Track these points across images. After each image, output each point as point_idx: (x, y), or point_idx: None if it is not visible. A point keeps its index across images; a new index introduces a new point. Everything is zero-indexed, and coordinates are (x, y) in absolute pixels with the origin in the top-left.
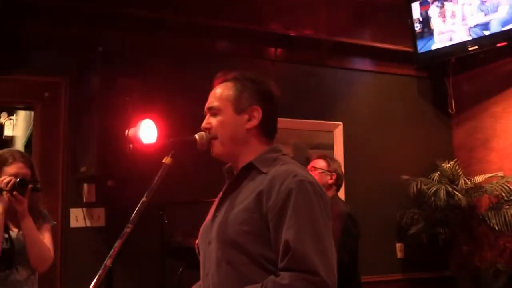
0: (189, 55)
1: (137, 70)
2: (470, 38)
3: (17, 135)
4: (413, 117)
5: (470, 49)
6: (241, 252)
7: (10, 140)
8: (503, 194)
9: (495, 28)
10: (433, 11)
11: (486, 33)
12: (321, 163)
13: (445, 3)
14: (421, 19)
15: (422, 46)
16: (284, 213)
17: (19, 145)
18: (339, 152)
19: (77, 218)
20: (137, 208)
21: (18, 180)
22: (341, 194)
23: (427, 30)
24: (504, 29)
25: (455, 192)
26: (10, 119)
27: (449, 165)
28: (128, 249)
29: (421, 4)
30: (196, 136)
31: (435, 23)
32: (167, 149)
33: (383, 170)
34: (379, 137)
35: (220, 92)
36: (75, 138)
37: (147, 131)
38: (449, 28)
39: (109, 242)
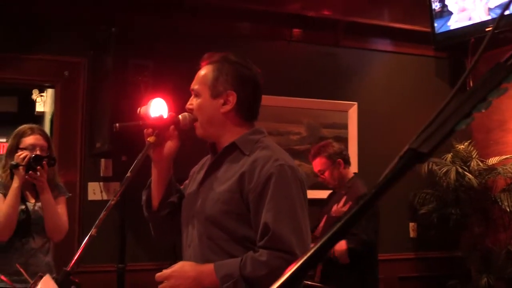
0: (203, 37)
1: (151, 51)
2: (489, 17)
3: (47, 111)
4: (430, 97)
5: (488, 29)
6: (222, 229)
7: (41, 116)
8: None
9: None
10: None
11: (505, 12)
12: (321, 165)
13: None
14: None
15: (440, 26)
16: (264, 196)
17: (48, 120)
18: (353, 132)
19: (95, 191)
20: (121, 183)
21: (33, 155)
22: None
23: (446, 9)
24: None
25: (465, 173)
26: (42, 96)
27: (463, 146)
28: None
29: None
30: (180, 116)
31: (454, 2)
32: (151, 128)
33: (398, 150)
34: (394, 117)
35: (202, 75)
36: (92, 115)
37: (158, 109)
38: (468, 7)
39: (124, 214)
